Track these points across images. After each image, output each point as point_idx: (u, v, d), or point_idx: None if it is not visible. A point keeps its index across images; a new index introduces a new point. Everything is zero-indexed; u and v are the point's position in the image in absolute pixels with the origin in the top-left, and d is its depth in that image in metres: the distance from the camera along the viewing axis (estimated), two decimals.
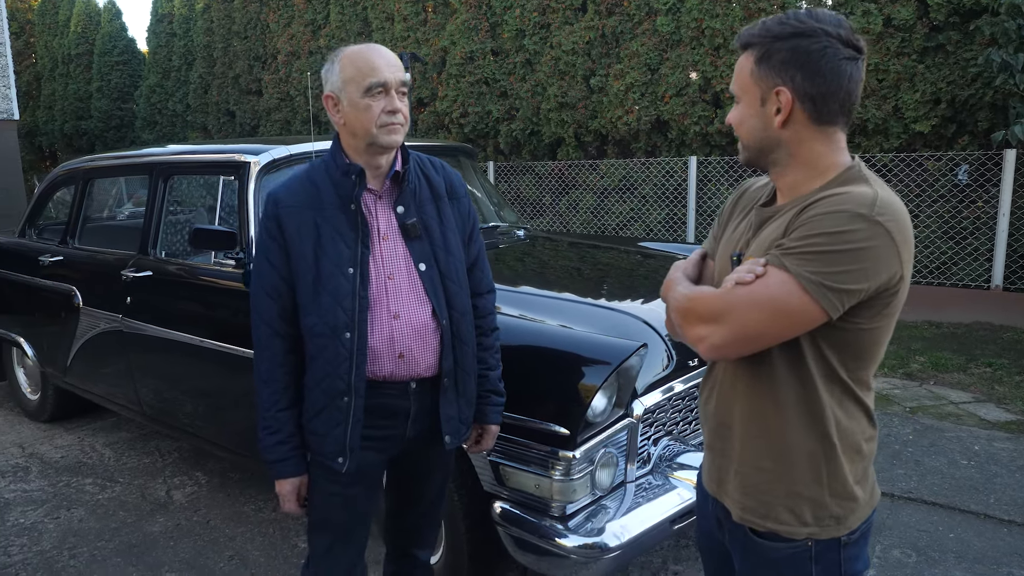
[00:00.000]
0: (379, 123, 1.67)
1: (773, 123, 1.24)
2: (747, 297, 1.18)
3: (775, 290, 1.16)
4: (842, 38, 1.20)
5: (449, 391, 1.82)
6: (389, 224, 1.77)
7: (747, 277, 1.19)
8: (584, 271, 3.48)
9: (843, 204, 1.15)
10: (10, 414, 4.86)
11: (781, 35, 1.21)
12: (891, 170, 6.67)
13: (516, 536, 2.27)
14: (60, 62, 15.59)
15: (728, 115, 1.34)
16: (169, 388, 3.45)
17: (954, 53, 6.32)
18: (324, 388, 1.73)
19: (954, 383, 4.95)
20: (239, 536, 3.19)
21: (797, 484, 1.28)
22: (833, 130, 1.26)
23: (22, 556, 3.08)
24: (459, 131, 9.66)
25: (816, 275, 1.14)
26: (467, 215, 1.91)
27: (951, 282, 6.57)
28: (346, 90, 1.68)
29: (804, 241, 1.16)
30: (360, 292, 1.69)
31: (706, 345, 1.23)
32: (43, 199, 4.60)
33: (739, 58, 1.29)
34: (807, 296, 1.14)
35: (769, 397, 1.28)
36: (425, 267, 1.76)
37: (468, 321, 1.85)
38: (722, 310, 1.21)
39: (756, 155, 1.30)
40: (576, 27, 8.39)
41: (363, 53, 1.69)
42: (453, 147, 4.14)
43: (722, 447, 1.39)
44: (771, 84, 1.22)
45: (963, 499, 3.33)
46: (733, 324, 1.19)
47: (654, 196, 8.12)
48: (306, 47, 11.27)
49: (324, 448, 1.77)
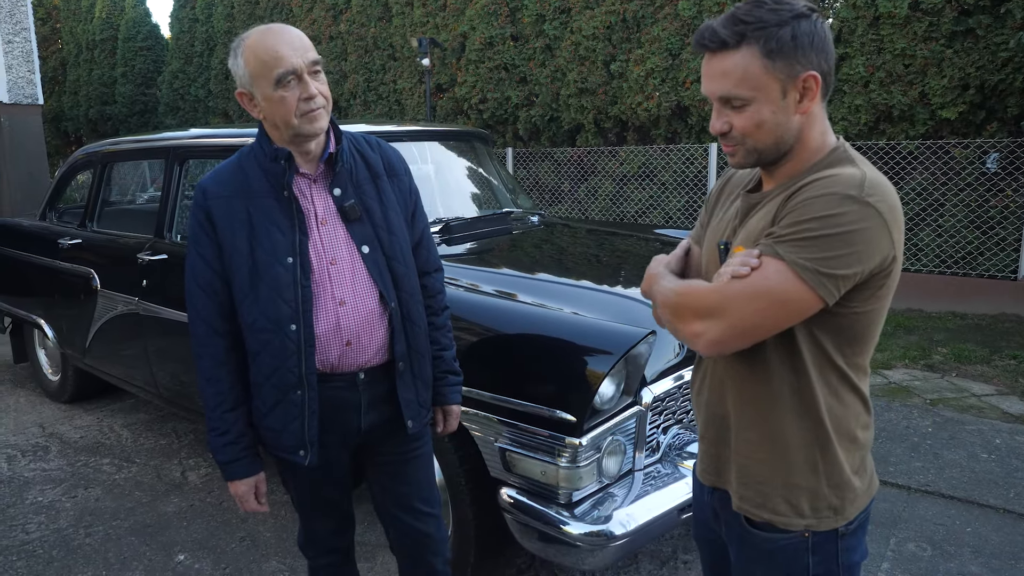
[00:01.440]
0: (298, 112, 1.57)
1: (793, 112, 1.19)
2: (743, 289, 1.15)
3: (771, 280, 1.13)
4: (815, 8, 1.18)
5: (405, 374, 1.77)
6: (327, 208, 1.69)
7: (742, 270, 1.16)
8: (598, 257, 3.45)
9: (832, 187, 1.13)
10: (32, 394, 4.94)
11: (783, 21, 1.15)
12: (916, 157, 6.54)
13: (523, 523, 2.26)
14: (85, 48, 15.73)
15: (717, 124, 1.23)
16: (185, 370, 3.47)
17: (984, 37, 6.16)
18: (274, 383, 1.66)
19: (977, 375, 4.86)
20: (251, 518, 3.22)
21: (794, 474, 1.25)
22: (823, 105, 1.23)
23: (40, 534, 3.13)
24: (478, 117, 9.62)
25: (811, 262, 1.11)
26: (407, 192, 1.83)
27: (976, 272, 6.44)
28: (256, 85, 1.58)
29: (796, 227, 1.13)
30: (302, 281, 1.62)
31: (704, 341, 1.19)
32: (63, 183, 4.65)
33: (722, 57, 1.18)
34: (803, 284, 1.12)
35: (761, 386, 1.26)
36: (368, 249, 1.69)
37: (417, 301, 1.79)
38: (717, 304, 1.17)
39: (771, 152, 1.23)
40: (597, 12, 8.29)
41: (264, 41, 1.56)
42: (468, 132, 4.11)
43: (716, 437, 1.37)
44: (794, 72, 1.16)
45: (982, 493, 3.27)
46: (731, 318, 1.16)
47: (674, 183, 8.04)
48: (327, 32, 11.27)
49: (282, 442, 1.72)
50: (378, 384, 1.76)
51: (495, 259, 3.17)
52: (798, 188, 1.17)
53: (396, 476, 1.88)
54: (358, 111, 11.18)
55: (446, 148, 3.88)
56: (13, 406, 4.73)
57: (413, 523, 1.91)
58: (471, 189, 3.92)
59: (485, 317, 2.40)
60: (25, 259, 4.55)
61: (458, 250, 3.18)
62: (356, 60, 11.00)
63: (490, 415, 2.29)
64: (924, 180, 6.58)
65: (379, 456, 1.87)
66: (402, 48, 10.38)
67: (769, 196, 1.25)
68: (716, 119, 1.24)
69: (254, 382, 1.71)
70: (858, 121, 6.84)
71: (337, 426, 1.75)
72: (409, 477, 1.88)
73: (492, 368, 2.32)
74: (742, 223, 1.30)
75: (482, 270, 2.88)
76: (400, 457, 1.86)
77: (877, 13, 6.55)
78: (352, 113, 11.24)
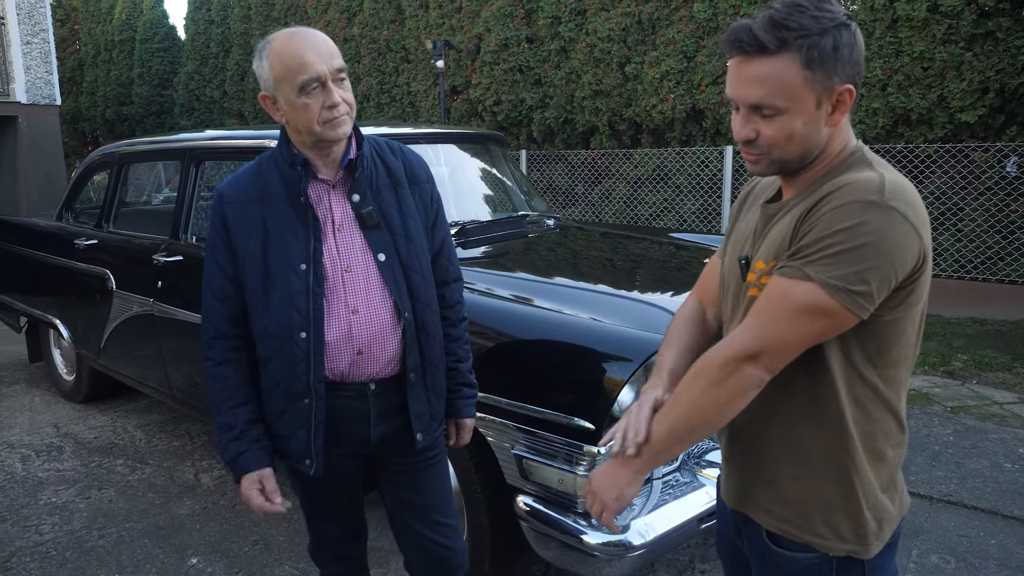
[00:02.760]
0: (321, 120, 1.55)
1: (824, 124, 1.15)
2: (777, 320, 1.12)
3: (804, 301, 1.10)
4: (849, 15, 1.14)
5: (417, 386, 1.72)
6: (344, 214, 1.65)
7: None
8: (614, 262, 3.42)
9: (851, 195, 1.09)
10: (47, 394, 4.95)
11: (825, 30, 1.09)
12: (935, 161, 6.47)
13: (539, 531, 2.23)
14: (103, 48, 15.86)
15: (743, 131, 1.17)
16: (199, 372, 3.47)
17: (1004, 40, 6.08)
18: (283, 390, 1.64)
19: (998, 383, 4.79)
20: (264, 521, 3.20)
21: (826, 495, 1.21)
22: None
23: (53, 535, 3.13)
24: (492, 119, 9.61)
25: (841, 279, 1.07)
26: (429, 200, 1.78)
27: (997, 277, 6.35)
28: (280, 90, 1.55)
29: (821, 243, 1.09)
30: (315, 289, 1.60)
31: (757, 380, 1.16)
32: (79, 183, 4.66)
33: (760, 62, 1.12)
34: (836, 302, 1.08)
35: (784, 402, 1.22)
36: (384, 257, 1.66)
37: (433, 312, 1.75)
38: (758, 346, 1.14)
39: (796, 163, 1.18)
40: (612, 14, 8.27)
41: (289, 46, 1.53)
42: (483, 135, 4.09)
43: (741, 459, 1.33)
44: (831, 83, 1.11)
45: (1006, 504, 3.21)
46: (773, 353, 1.13)
47: (688, 186, 7.99)
48: (341, 34, 11.30)
49: (290, 450, 1.70)
50: (389, 395, 1.72)
51: (510, 263, 3.15)
52: (818, 200, 1.13)
53: (410, 486, 1.84)
54: (371, 113, 11.19)
55: (461, 151, 3.86)
56: (28, 405, 4.75)
57: (430, 535, 1.86)
58: (486, 192, 3.90)
59: (502, 322, 2.38)
60: (41, 259, 4.57)
61: (474, 253, 3.16)
62: (369, 62, 11.02)
63: (507, 422, 2.26)
64: (943, 184, 6.50)
65: (392, 466, 1.83)
66: (416, 50, 10.39)
67: (787, 206, 1.21)
68: (742, 126, 1.17)
69: (264, 388, 1.69)
70: (876, 124, 6.77)
71: (346, 436, 1.72)
72: (423, 486, 1.84)
73: (509, 374, 2.30)
74: (762, 235, 1.25)
75: (498, 274, 2.86)
76: (413, 467, 1.81)
77: (895, 16, 6.48)
78: (365, 115, 11.26)
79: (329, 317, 1.63)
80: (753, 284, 1.24)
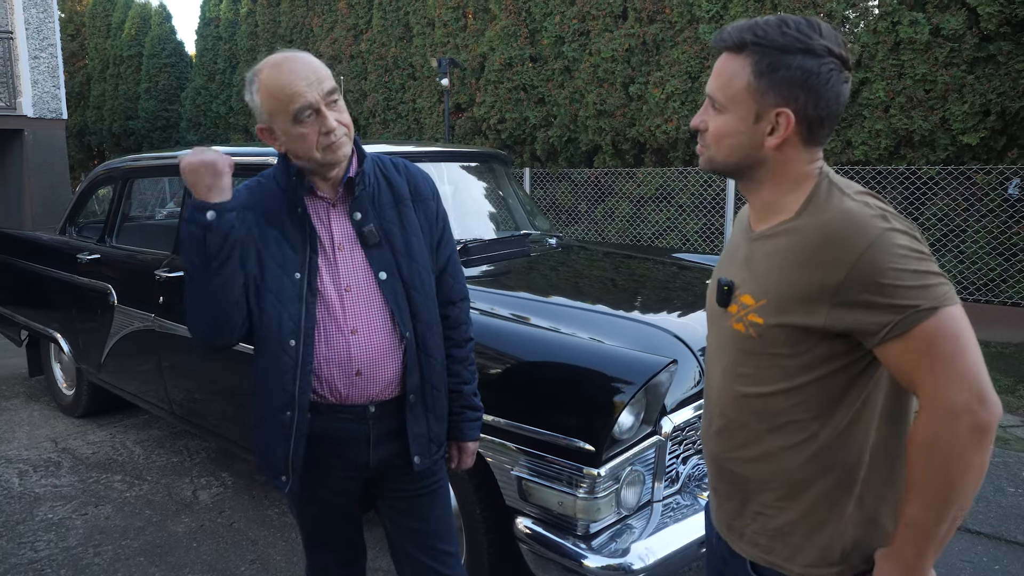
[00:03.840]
0: (320, 146, 1.54)
1: (764, 143, 1.16)
2: (946, 363, 1.06)
3: (951, 333, 1.06)
4: (842, 57, 1.13)
5: (416, 407, 1.69)
6: (344, 233, 1.64)
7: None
8: (616, 282, 3.41)
9: (864, 234, 1.08)
10: (46, 408, 4.94)
11: (787, 48, 1.11)
12: (938, 183, 6.47)
13: (538, 554, 2.20)
14: (111, 63, 15.99)
15: (697, 118, 1.22)
16: (198, 389, 3.46)
17: (1005, 64, 6.11)
18: (265, 397, 1.63)
19: (1002, 406, 4.75)
20: (262, 540, 3.18)
21: (815, 527, 1.20)
22: (817, 149, 1.18)
23: (48, 552, 3.11)
24: (496, 137, 9.65)
25: (940, 293, 1.06)
26: (435, 217, 1.76)
27: (1000, 300, 6.34)
28: (275, 122, 1.55)
29: (894, 289, 1.06)
30: (308, 298, 1.58)
31: (989, 417, 1.06)
32: (83, 198, 4.67)
33: (726, 58, 1.17)
34: (959, 306, 1.07)
35: (771, 431, 1.20)
36: (386, 276, 1.63)
37: (436, 332, 1.71)
38: (953, 396, 1.06)
39: (734, 168, 1.21)
40: (616, 34, 8.32)
41: (278, 78, 1.52)
42: (486, 153, 4.10)
43: (725, 491, 1.31)
44: (772, 103, 1.13)
45: (1009, 529, 3.18)
46: (971, 382, 1.05)
47: (691, 205, 8.01)
48: (348, 51, 11.38)
49: (265, 464, 1.68)
50: (389, 418, 1.69)
51: (512, 282, 3.14)
52: (822, 251, 1.10)
53: (410, 513, 1.80)
54: (377, 130, 11.25)
55: (464, 169, 3.87)
56: (27, 420, 4.73)
57: (430, 563, 1.81)
58: (489, 210, 3.90)
59: (502, 342, 2.37)
60: (43, 273, 4.57)
61: (475, 272, 3.16)
62: (376, 79, 11.09)
63: (507, 442, 2.24)
64: (945, 206, 6.50)
65: (392, 492, 1.79)
66: (422, 68, 10.45)
67: (765, 235, 1.20)
68: (699, 113, 1.22)
69: (252, 392, 1.69)
70: (878, 146, 6.79)
71: (344, 460, 1.70)
72: (424, 514, 1.80)
73: (509, 394, 2.28)
74: (748, 268, 1.23)
75: (499, 293, 2.85)
76: (414, 493, 1.78)
77: (898, 38, 6.52)
78: (371, 132, 11.32)
79: (329, 336, 1.61)
80: (739, 319, 1.22)
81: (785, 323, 1.15)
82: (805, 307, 1.12)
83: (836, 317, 1.09)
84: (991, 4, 6.00)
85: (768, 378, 1.19)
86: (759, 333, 1.18)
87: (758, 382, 1.20)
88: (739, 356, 1.23)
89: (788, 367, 1.17)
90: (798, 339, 1.15)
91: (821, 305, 1.10)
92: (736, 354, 1.24)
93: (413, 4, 10.39)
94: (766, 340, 1.17)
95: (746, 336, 1.20)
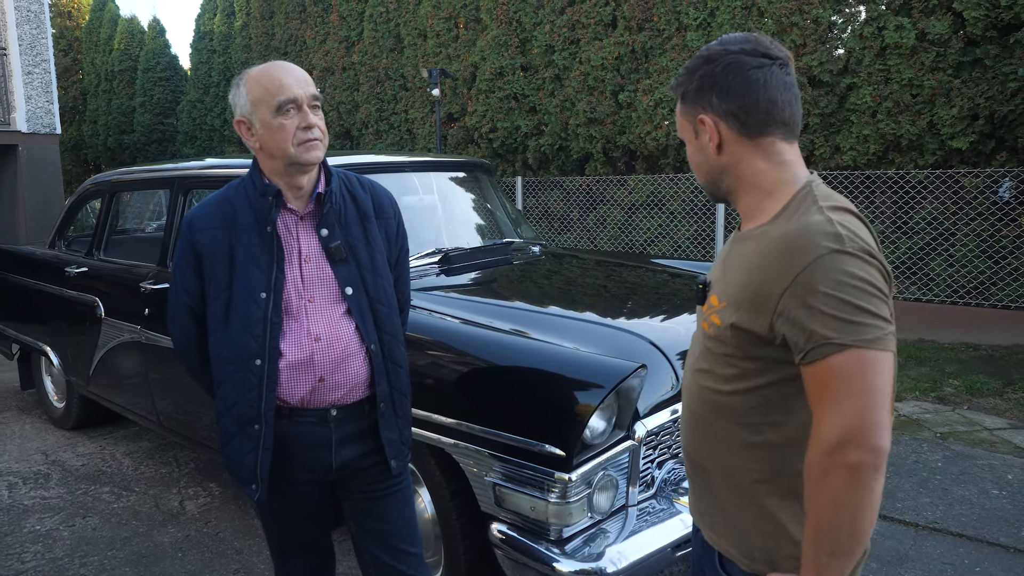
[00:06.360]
0: (296, 141, 1.61)
1: (710, 152, 1.25)
2: (843, 409, 1.06)
3: (856, 374, 1.05)
4: (746, 51, 1.20)
5: (387, 415, 1.76)
6: (311, 247, 1.70)
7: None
8: (596, 288, 3.43)
9: (811, 250, 1.08)
10: (37, 421, 4.96)
11: (693, 69, 1.25)
12: (927, 187, 6.50)
13: (513, 559, 2.22)
14: (104, 78, 16.06)
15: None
16: (185, 400, 3.48)
17: (992, 67, 6.14)
18: (235, 415, 1.68)
19: (989, 408, 4.77)
20: (246, 549, 3.19)
21: (761, 523, 1.22)
22: (769, 141, 1.21)
23: (35, 563, 3.12)
24: (488, 146, 9.69)
25: (866, 336, 1.05)
26: (395, 236, 1.84)
27: (990, 303, 6.35)
28: (257, 112, 1.62)
29: (812, 308, 1.07)
30: (272, 318, 1.63)
31: (863, 458, 1.04)
32: (72, 211, 4.70)
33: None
34: (881, 351, 1.06)
35: (726, 428, 1.23)
36: (352, 291, 1.70)
37: (400, 342, 1.81)
38: (845, 437, 1.05)
39: (712, 188, 1.31)
40: (605, 43, 8.37)
41: (269, 72, 1.62)
42: (470, 163, 4.13)
43: (696, 481, 1.35)
44: (694, 115, 1.25)
45: (992, 531, 3.19)
46: (851, 423, 1.05)
47: (682, 212, 8.03)
48: (340, 63, 11.44)
49: (238, 474, 1.73)
50: (351, 422, 1.74)
51: (490, 290, 3.16)
52: (779, 259, 1.12)
53: (373, 513, 1.84)
54: (370, 141, 11.29)
55: (448, 179, 3.90)
56: (18, 432, 4.75)
57: (393, 563, 1.85)
58: (473, 219, 3.93)
59: (474, 348, 2.39)
60: (33, 287, 4.60)
61: (455, 281, 3.18)
62: (368, 90, 11.14)
63: (481, 449, 2.26)
64: (934, 210, 6.53)
65: (355, 493, 1.84)
66: (414, 78, 10.50)
67: (742, 238, 1.25)
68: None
69: (217, 411, 1.72)
70: (867, 151, 6.82)
71: (307, 462, 1.74)
72: (386, 514, 1.84)
73: (481, 401, 2.30)
74: (723, 269, 1.27)
75: (475, 300, 2.87)
76: (377, 494, 1.83)
77: (884, 43, 6.56)
78: (364, 143, 11.36)
79: (292, 343, 1.65)
80: (706, 318, 1.27)
81: (737, 325, 1.18)
82: (754, 312, 1.15)
83: (777, 326, 1.12)
84: (976, 8, 6.04)
85: (726, 377, 1.23)
86: (717, 334, 1.23)
87: (718, 380, 1.24)
88: (704, 353, 1.28)
89: (745, 369, 1.20)
90: (750, 342, 1.17)
91: (766, 312, 1.13)
92: (703, 351, 1.29)
93: (404, 15, 10.45)
94: (724, 340, 1.21)
95: (710, 335, 1.25)
